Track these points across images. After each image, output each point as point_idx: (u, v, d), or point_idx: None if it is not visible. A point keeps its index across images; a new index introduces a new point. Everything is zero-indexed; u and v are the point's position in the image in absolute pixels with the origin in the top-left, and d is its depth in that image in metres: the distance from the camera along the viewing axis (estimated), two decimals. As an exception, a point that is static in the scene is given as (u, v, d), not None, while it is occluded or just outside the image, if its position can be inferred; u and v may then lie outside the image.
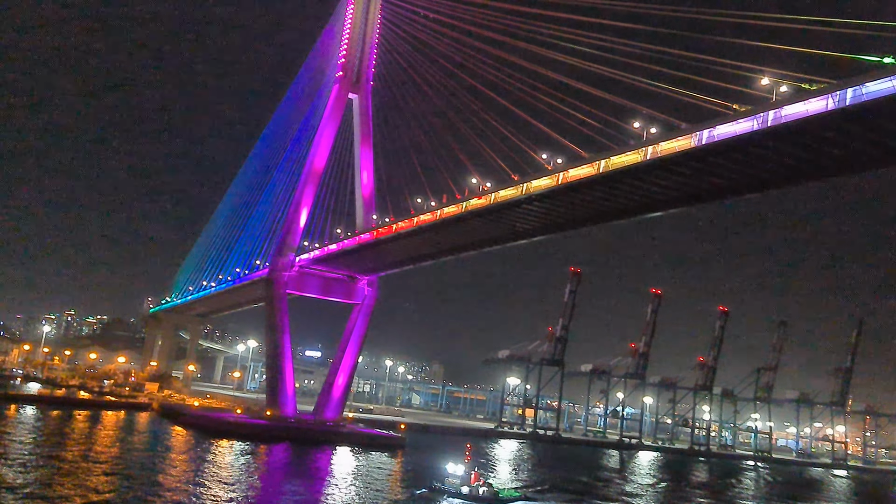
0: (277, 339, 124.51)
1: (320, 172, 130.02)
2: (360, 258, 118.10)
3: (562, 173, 74.17)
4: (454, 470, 65.22)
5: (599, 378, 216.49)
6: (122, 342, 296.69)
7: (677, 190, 69.88)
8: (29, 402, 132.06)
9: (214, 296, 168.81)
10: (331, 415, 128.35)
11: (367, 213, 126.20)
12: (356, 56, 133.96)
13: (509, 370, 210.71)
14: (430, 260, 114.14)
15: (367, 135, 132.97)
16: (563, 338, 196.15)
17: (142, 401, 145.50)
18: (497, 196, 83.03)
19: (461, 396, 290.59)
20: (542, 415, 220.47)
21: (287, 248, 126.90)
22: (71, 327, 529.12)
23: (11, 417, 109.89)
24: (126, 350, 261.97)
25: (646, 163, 65.38)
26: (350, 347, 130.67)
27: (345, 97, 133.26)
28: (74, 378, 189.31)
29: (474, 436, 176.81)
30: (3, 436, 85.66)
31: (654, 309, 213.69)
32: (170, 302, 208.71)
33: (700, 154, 61.16)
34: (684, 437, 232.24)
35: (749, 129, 57.36)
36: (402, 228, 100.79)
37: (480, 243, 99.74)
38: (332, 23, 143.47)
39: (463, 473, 63.62)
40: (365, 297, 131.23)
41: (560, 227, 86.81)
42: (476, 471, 64.58)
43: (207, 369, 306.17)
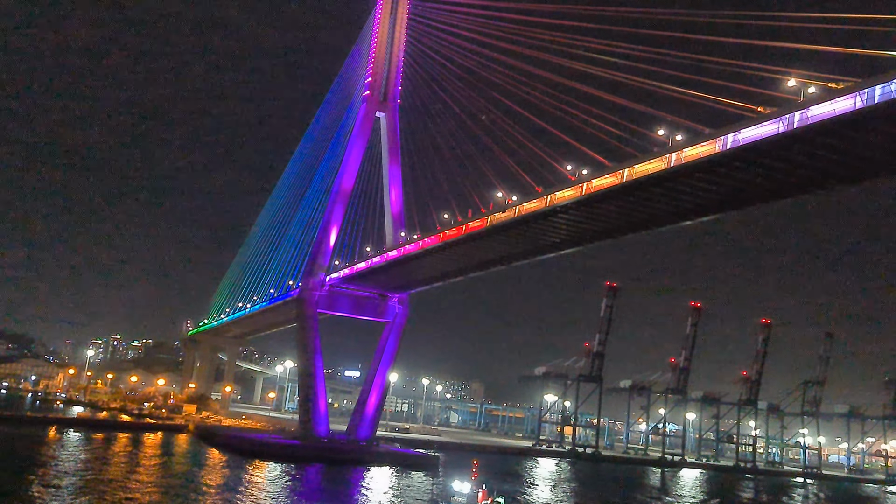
0: (309, 358, 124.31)
1: (349, 191, 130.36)
2: (389, 276, 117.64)
3: (585, 184, 72.79)
4: (461, 488, 63.20)
5: (639, 394, 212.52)
6: (163, 365, 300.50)
7: (705, 197, 67.98)
8: (67, 425, 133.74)
9: (249, 317, 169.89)
10: (364, 434, 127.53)
11: (396, 230, 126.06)
12: (382, 75, 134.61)
13: (546, 387, 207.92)
14: (458, 276, 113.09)
15: (394, 152, 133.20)
16: (601, 353, 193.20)
17: (178, 422, 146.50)
18: (521, 209, 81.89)
19: (499, 414, 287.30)
20: (582, 432, 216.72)
21: (317, 268, 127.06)
22: (117, 351, 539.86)
23: (49, 440, 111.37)
24: (167, 372, 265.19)
25: (670, 170, 63.75)
26: (382, 366, 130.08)
27: (372, 116, 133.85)
28: (116, 401, 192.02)
29: (511, 454, 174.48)
30: (33, 458, 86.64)
31: (693, 322, 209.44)
32: (207, 324, 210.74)
33: (724, 159, 59.36)
34: (729, 453, 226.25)
35: (774, 132, 55.52)
36: (428, 244, 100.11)
37: (507, 258, 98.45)
38: (359, 43, 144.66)
39: (470, 491, 61.63)
40: (396, 315, 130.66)
41: (586, 239, 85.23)
42: (484, 488, 62.46)
43: (248, 391, 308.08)
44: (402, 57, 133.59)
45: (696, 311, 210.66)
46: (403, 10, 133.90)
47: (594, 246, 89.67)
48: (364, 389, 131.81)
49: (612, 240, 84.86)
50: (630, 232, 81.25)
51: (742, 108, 59.67)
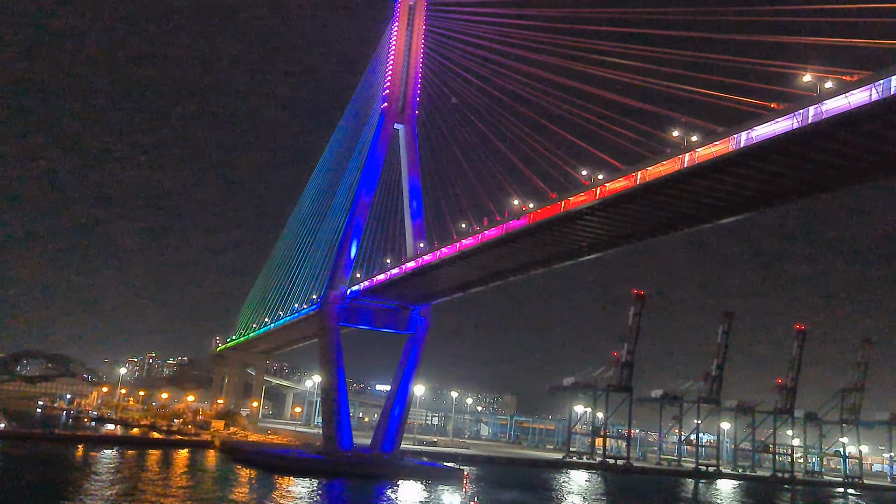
0: (331, 372, 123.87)
1: (369, 204, 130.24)
2: (409, 287, 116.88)
3: (598, 188, 71.41)
4: (451, 500, 61.51)
5: (671, 404, 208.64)
6: (195, 382, 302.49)
7: (722, 198, 66.17)
8: (95, 443, 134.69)
9: (274, 332, 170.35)
10: (388, 447, 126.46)
11: (416, 241, 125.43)
12: (400, 87, 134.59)
13: (575, 398, 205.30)
14: (478, 286, 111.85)
15: (414, 164, 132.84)
16: (630, 362, 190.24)
17: (205, 438, 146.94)
18: (535, 215, 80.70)
19: (530, 426, 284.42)
20: (613, 443, 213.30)
21: (338, 281, 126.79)
22: (152, 369, 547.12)
23: (77, 458, 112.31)
24: (198, 389, 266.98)
25: (683, 171, 62.20)
26: (405, 378, 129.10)
27: (391, 127, 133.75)
28: (146, 418, 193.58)
29: (541, 466, 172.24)
30: (63, 477, 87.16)
31: (725, 330, 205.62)
32: (235, 340, 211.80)
33: (738, 158, 57.67)
34: (767, 463, 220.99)
35: (788, 128, 53.84)
36: (445, 254, 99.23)
37: (525, 266, 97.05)
38: (377, 56, 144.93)
39: None
40: (418, 328, 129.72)
41: (603, 246, 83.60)
42: (475, 500, 60.73)
43: (278, 406, 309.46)
44: (420, 68, 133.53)
45: (727, 318, 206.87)
46: (420, 22, 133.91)
47: (620, 254, 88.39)
48: (388, 402, 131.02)
49: (630, 245, 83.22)
50: (648, 236, 79.54)
51: (757, 105, 58.09)
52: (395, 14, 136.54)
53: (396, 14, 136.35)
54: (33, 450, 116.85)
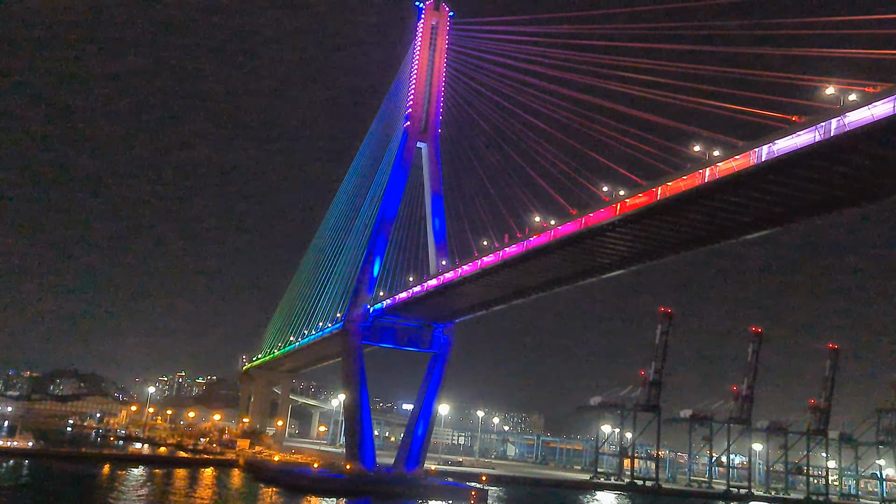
0: (354, 391, 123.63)
1: (392, 222, 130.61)
2: (431, 305, 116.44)
3: (619, 204, 70.63)
4: None
5: (701, 424, 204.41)
6: (222, 400, 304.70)
7: (745, 213, 65.09)
8: (122, 461, 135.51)
9: (298, 351, 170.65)
10: (411, 467, 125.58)
11: (439, 258, 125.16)
12: (423, 105, 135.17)
13: (602, 417, 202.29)
14: (501, 304, 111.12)
15: (436, 182, 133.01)
16: (658, 382, 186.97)
17: (230, 457, 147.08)
18: (556, 232, 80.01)
19: (557, 446, 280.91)
20: (642, 464, 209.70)
21: (361, 299, 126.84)
22: (182, 388, 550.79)
23: (102, 476, 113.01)
24: (225, 408, 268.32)
25: (704, 186, 61.29)
26: (428, 397, 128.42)
27: (414, 146, 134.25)
28: (173, 437, 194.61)
29: (567, 487, 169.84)
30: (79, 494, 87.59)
31: (755, 349, 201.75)
32: (261, 359, 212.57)
33: (760, 172, 56.71)
34: (801, 486, 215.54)
35: (810, 141, 52.84)
36: (466, 272, 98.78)
37: (546, 284, 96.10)
38: (400, 75, 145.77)
39: None
40: (441, 346, 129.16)
41: (625, 263, 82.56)
42: None
43: (305, 425, 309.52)
44: (442, 87, 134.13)
45: (756, 336, 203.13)
46: (442, 41, 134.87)
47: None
48: (411, 422, 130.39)
49: (653, 262, 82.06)
50: (671, 253, 78.37)
51: (778, 119, 57.15)
52: (418, 33, 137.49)
53: (419, 33, 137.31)
54: (60, 468, 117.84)
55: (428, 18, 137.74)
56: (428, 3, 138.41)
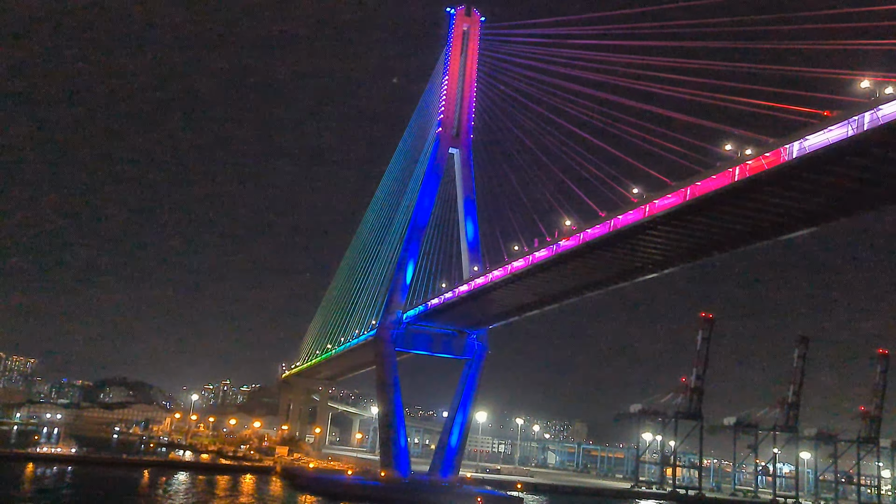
0: (388, 397, 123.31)
1: (424, 228, 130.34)
2: (463, 311, 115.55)
3: (648, 205, 69.01)
4: None
5: (745, 432, 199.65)
6: (264, 408, 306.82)
7: (779, 212, 62.89)
8: (162, 468, 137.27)
9: (334, 358, 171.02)
10: (446, 474, 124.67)
11: (472, 264, 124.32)
12: (454, 111, 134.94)
13: (643, 425, 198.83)
14: (534, 310, 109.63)
15: (468, 187, 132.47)
16: (699, 388, 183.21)
17: (267, 464, 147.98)
18: (586, 235, 78.63)
19: (598, 454, 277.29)
20: (685, 473, 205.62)
21: (394, 306, 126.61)
22: (227, 396, 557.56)
23: (142, 482, 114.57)
24: (266, 415, 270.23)
25: (734, 185, 59.47)
26: (462, 404, 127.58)
27: (446, 152, 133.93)
28: (214, 444, 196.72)
29: (607, 496, 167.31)
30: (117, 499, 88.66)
31: (801, 354, 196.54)
32: (299, 367, 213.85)
33: (790, 169, 54.81)
34: (852, 495, 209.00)
35: (843, 136, 50.86)
36: (497, 277, 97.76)
37: (578, 289, 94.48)
38: (432, 81, 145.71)
39: None
40: (475, 352, 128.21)
41: (656, 266, 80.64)
42: None
43: (345, 432, 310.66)
44: (474, 92, 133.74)
45: (803, 342, 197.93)
46: (474, 46, 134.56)
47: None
48: (445, 429, 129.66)
49: (685, 264, 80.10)
50: (703, 255, 76.41)
51: (809, 114, 55.21)
52: (450, 39, 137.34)
53: (451, 39, 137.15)
54: (101, 474, 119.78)
55: (459, 24, 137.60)
56: (459, 10, 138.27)
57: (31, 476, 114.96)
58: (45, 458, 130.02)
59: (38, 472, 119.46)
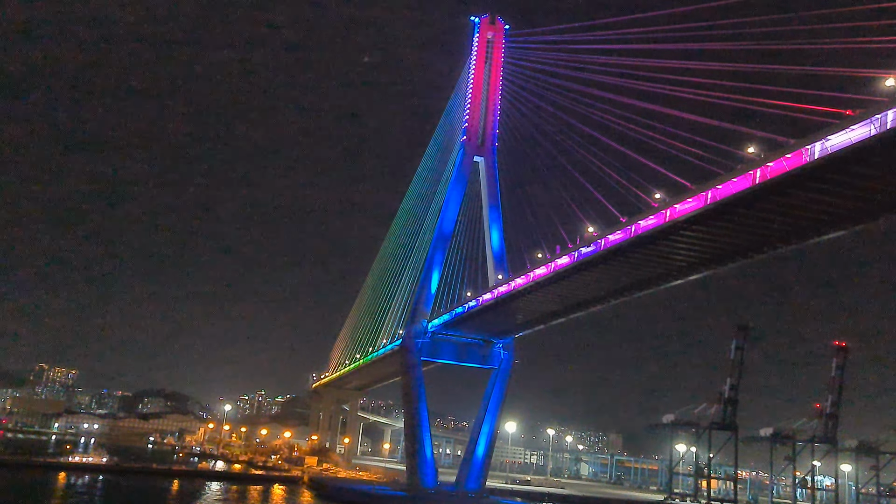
0: (414, 407, 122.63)
1: (449, 236, 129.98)
2: (487, 320, 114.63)
3: (668, 209, 67.63)
4: None
5: (782, 443, 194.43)
6: (297, 418, 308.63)
7: (803, 216, 61.19)
8: (189, 476, 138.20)
9: (363, 368, 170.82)
10: (472, 485, 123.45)
11: (497, 272, 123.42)
12: (479, 119, 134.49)
13: (676, 436, 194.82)
14: (559, 318, 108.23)
15: (493, 195, 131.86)
16: (733, 399, 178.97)
17: (295, 474, 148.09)
18: (606, 241, 77.36)
19: (632, 466, 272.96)
20: (721, 485, 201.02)
21: (419, 315, 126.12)
22: (262, 406, 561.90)
23: (171, 491, 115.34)
24: (299, 426, 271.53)
25: (755, 188, 58.00)
26: (489, 414, 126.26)
27: (471, 160, 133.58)
28: (245, 454, 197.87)
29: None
30: None
31: (839, 364, 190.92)
32: (329, 377, 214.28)
33: (812, 171, 53.25)
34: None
35: (865, 135, 49.25)
36: (519, 285, 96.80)
37: (603, 296, 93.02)
38: (457, 90, 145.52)
39: None
40: (501, 361, 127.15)
41: (681, 273, 78.98)
42: None
43: (376, 443, 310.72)
44: (498, 100, 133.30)
45: (841, 351, 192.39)
46: (498, 54, 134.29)
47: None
48: (472, 439, 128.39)
49: (710, 271, 78.29)
50: (728, 261, 74.47)
51: (830, 114, 53.64)
52: (474, 48, 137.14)
53: (475, 47, 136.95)
54: (131, 483, 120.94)
55: (483, 33, 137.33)
56: (483, 18, 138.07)
57: (63, 484, 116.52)
58: (76, 467, 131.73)
59: (70, 480, 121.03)
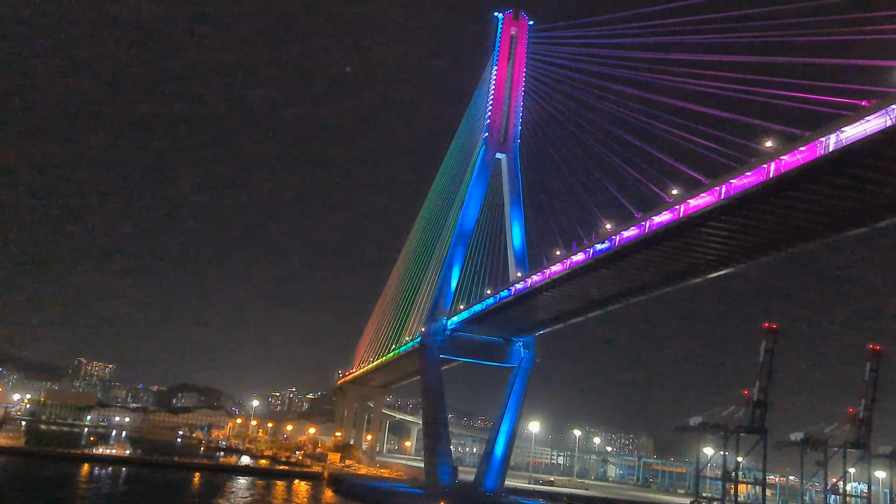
0: (432, 405, 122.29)
1: (470, 233, 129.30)
2: (506, 317, 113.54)
3: (682, 205, 66.00)
4: None
5: (814, 448, 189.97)
6: (324, 415, 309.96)
7: (820, 212, 59.20)
8: (212, 471, 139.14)
9: (384, 366, 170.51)
10: (491, 484, 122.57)
11: (518, 270, 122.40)
12: (501, 115, 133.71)
13: (704, 439, 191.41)
14: (577, 316, 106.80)
15: (515, 192, 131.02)
16: (763, 402, 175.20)
17: (315, 470, 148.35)
18: (621, 238, 75.87)
19: (660, 468, 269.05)
20: (750, 490, 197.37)
21: (439, 313, 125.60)
22: (293, 403, 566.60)
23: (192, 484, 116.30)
24: (326, 422, 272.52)
25: (767, 183, 56.27)
26: (508, 413, 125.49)
27: (492, 157, 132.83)
28: (270, 449, 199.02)
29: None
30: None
31: (873, 368, 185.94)
32: (352, 374, 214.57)
33: (826, 165, 51.42)
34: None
35: (881, 127, 47.38)
36: (536, 282, 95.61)
37: (621, 294, 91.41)
38: (479, 87, 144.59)
39: None
40: (521, 360, 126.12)
41: (699, 271, 77.15)
42: None
43: (403, 440, 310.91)
44: (521, 97, 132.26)
45: (875, 354, 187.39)
46: (521, 51, 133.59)
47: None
48: (490, 438, 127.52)
49: (728, 270, 76.36)
50: (746, 259, 72.54)
51: (845, 105, 51.81)
52: (497, 44, 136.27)
53: (498, 44, 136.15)
54: (151, 476, 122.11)
55: (507, 29, 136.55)
56: (507, 14, 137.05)
57: (86, 476, 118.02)
58: (100, 459, 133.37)
59: (93, 472, 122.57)
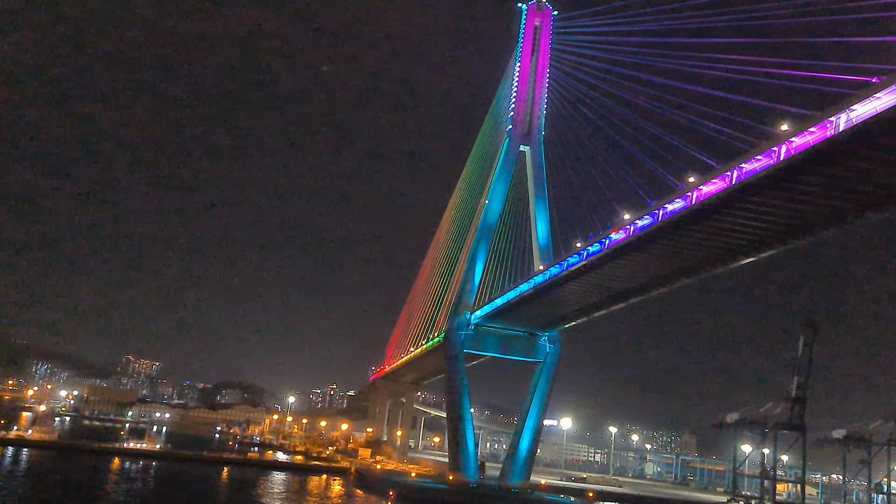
0: (456, 400, 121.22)
1: (494, 227, 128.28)
2: (529, 311, 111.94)
3: (694, 191, 64.04)
4: None
5: (856, 445, 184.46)
6: (361, 411, 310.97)
7: (836, 196, 56.85)
8: (239, 465, 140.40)
9: (413, 361, 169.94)
10: (516, 480, 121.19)
11: (542, 263, 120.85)
12: (525, 108, 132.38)
13: (741, 436, 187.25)
14: (600, 309, 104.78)
15: (540, 185, 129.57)
16: (801, 398, 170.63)
17: (344, 465, 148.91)
18: (634, 228, 74.06)
19: (698, 466, 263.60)
20: (792, 488, 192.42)
21: (462, 307, 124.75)
22: (334, 400, 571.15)
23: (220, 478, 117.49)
24: (360, 419, 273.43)
25: (777, 167, 54.19)
26: (534, 408, 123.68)
27: (517, 149, 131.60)
28: (303, 444, 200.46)
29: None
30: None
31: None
32: (383, 370, 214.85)
33: (837, 145, 49.22)
34: None
35: (892, 103, 45.13)
36: (555, 274, 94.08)
37: (641, 287, 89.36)
38: (504, 80, 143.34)
39: None
40: (547, 355, 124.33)
41: (717, 261, 74.95)
42: None
43: (432, 436, 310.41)
44: (545, 89, 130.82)
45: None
46: (545, 41, 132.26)
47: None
48: (516, 434, 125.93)
49: (747, 260, 73.94)
50: (765, 248, 70.08)
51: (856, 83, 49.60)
52: (521, 35, 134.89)
53: (522, 35, 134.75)
54: (180, 470, 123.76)
55: (531, 19, 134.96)
56: (531, 5, 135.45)
57: (117, 469, 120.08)
58: (131, 452, 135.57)
59: (123, 466, 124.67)
